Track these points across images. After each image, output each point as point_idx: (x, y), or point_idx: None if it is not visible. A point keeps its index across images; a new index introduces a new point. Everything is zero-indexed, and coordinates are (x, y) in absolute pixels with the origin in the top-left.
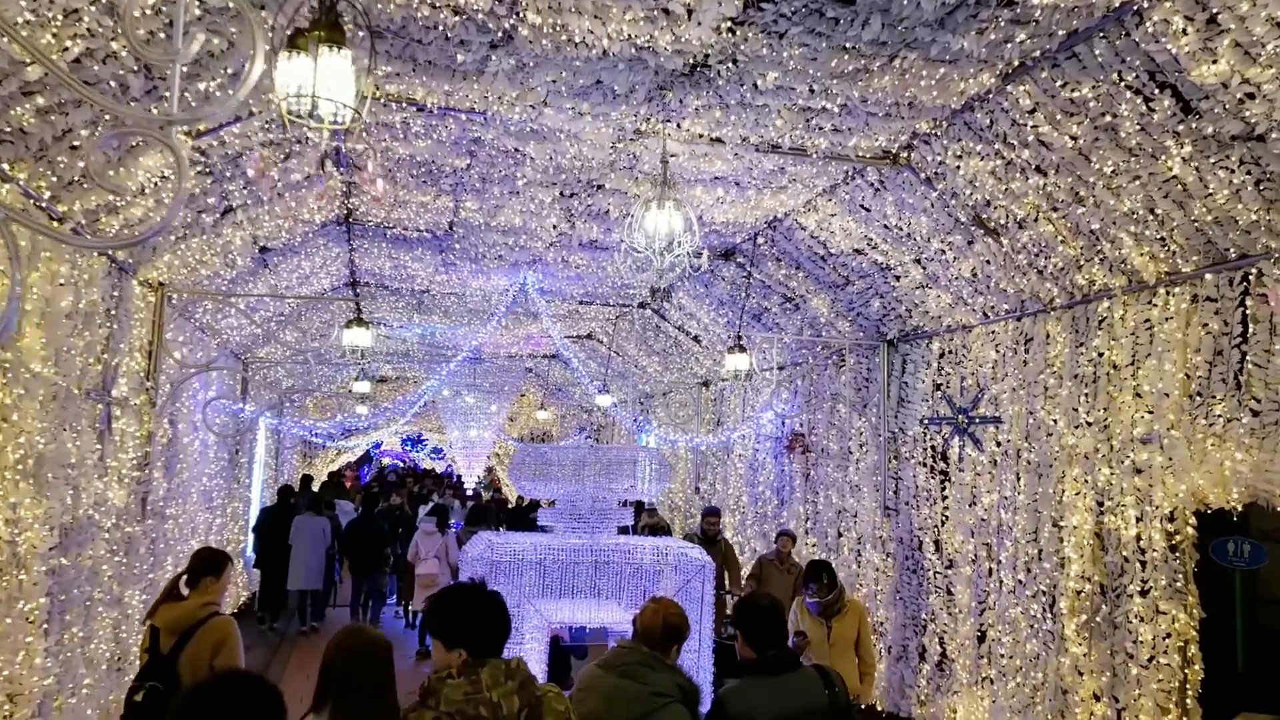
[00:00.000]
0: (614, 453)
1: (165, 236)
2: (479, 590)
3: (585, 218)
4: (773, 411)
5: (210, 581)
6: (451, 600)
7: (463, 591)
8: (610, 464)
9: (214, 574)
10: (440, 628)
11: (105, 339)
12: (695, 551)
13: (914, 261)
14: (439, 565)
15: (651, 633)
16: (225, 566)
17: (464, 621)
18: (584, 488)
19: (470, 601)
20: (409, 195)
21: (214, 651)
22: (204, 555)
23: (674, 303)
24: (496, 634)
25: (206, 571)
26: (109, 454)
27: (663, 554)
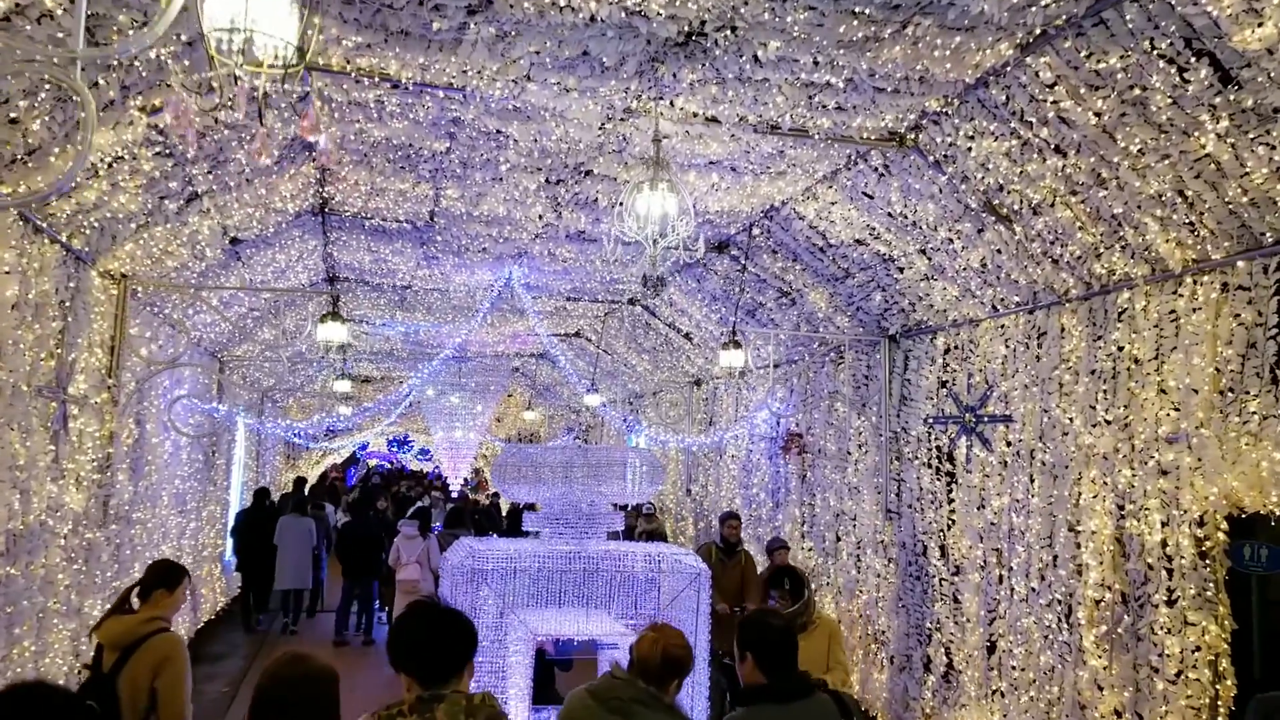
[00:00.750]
0: (604, 454)
1: (125, 224)
2: (432, 608)
3: (572, 206)
4: (768, 410)
5: (162, 595)
6: (403, 620)
7: (416, 610)
8: (600, 465)
9: (167, 587)
10: (391, 652)
11: (59, 333)
12: (690, 558)
13: (919, 252)
14: (420, 571)
15: (649, 665)
16: (181, 580)
17: (413, 644)
18: (572, 490)
19: (420, 620)
20: (386, 182)
21: (155, 671)
22: (159, 567)
23: (664, 298)
24: (448, 659)
25: (159, 584)
26: (65, 455)
27: (655, 561)
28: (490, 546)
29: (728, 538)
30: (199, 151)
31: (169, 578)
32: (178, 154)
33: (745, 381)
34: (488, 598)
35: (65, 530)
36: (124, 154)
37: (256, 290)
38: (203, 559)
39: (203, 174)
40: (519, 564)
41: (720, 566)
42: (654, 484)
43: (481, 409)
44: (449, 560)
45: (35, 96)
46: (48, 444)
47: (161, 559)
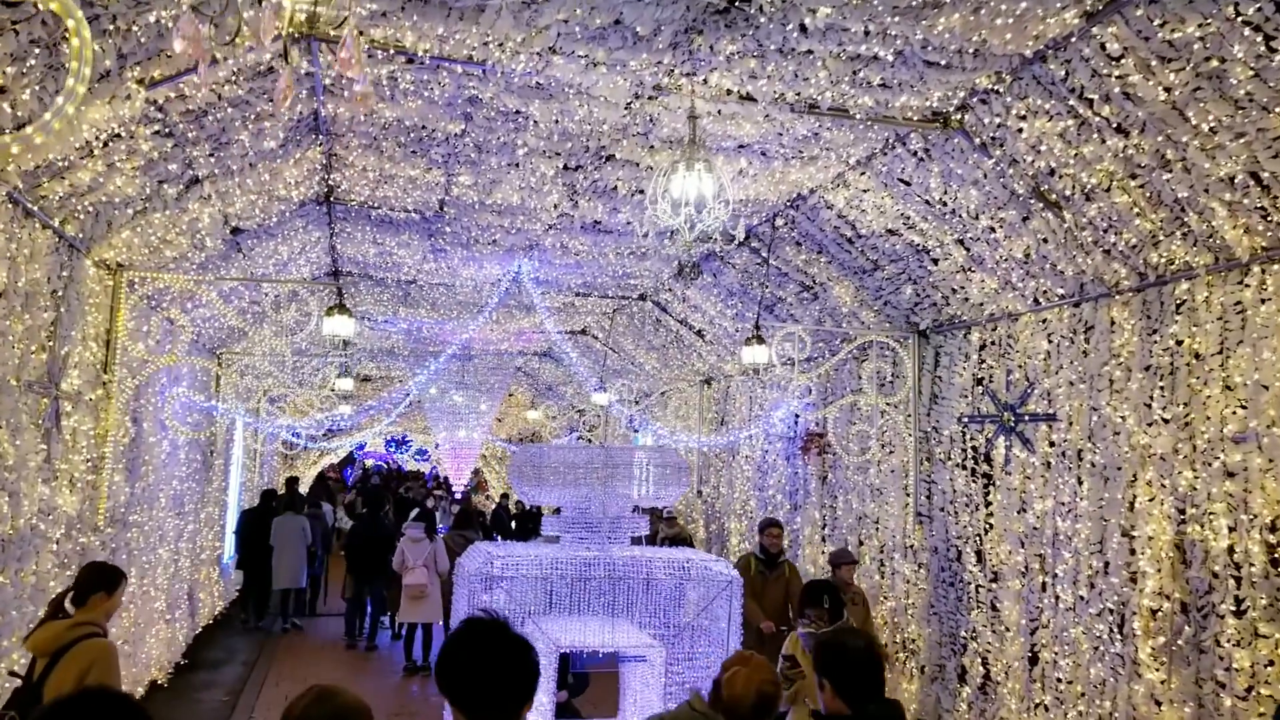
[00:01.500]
0: (627, 455)
1: (121, 210)
2: (492, 628)
3: (590, 195)
4: (787, 409)
5: (101, 599)
6: (456, 642)
7: (474, 629)
8: (623, 467)
9: (106, 590)
10: (441, 678)
11: (50, 324)
12: (720, 564)
13: (956, 242)
14: (427, 575)
15: (740, 705)
16: (119, 583)
17: (468, 672)
18: (594, 493)
19: (478, 644)
20: (396, 168)
21: (80, 678)
22: (95, 568)
23: (677, 293)
24: (510, 692)
25: (97, 587)
26: (57, 455)
27: (683, 567)
28: (509, 552)
29: (769, 547)
30: (200, 131)
31: (107, 580)
32: (178, 134)
33: (760, 379)
34: (506, 606)
35: (58, 534)
36: (120, 131)
37: (259, 282)
38: (201, 562)
39: (204, 156)
40: (539, 570)
41: (761, 580)
42: (679, 486)
43: (485, 408)
44: (464, 566)
45: (24, 62)
46: (39, 443)
47: (95, 561)
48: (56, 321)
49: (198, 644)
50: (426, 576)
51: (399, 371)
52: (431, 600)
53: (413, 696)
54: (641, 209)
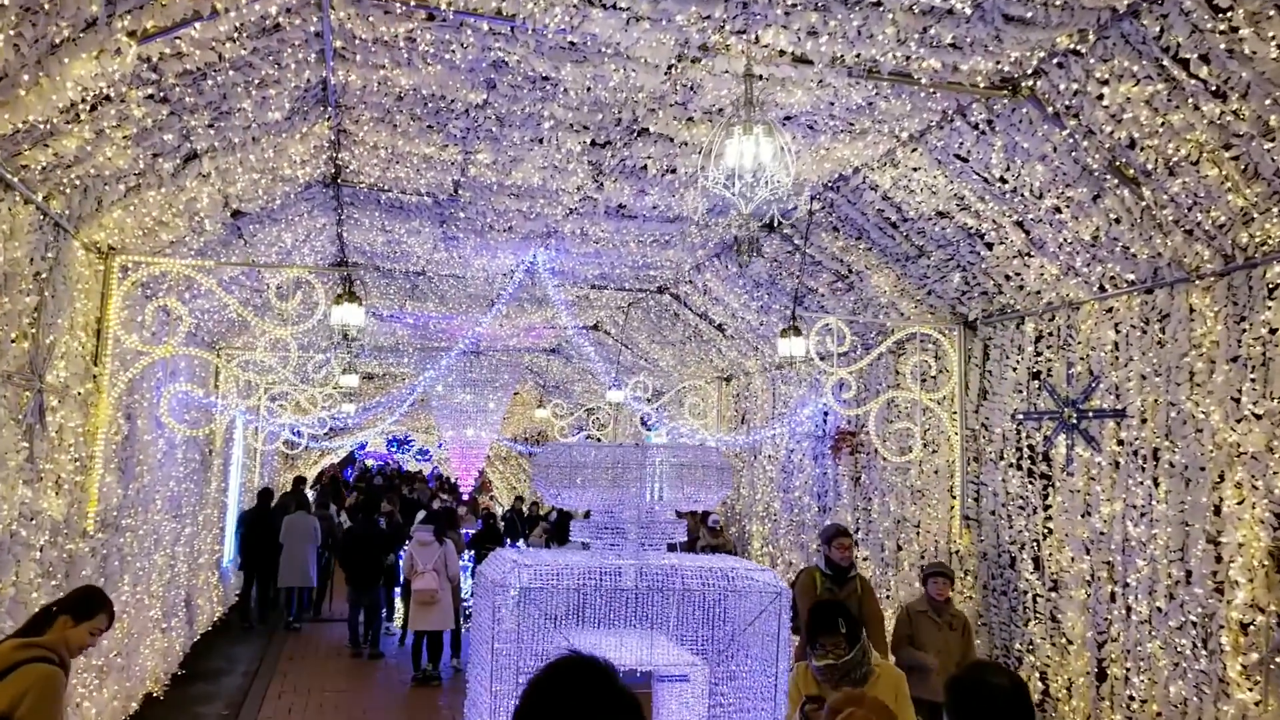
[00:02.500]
0: (667, 454)
1: (113, 185)
2: (585, 669)
3: (617, 175)
4: (815, 406)
5: (65, 623)
6: (544, 685)
7: (564, 671)
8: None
9: (74, 615)
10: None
11: (34, 310)
12: (766, 574)
13: (1015, 225)
14: (438, 579)
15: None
16: (95, 615)
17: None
18: (629, 495)
19: (570, 688)
20: (410, 145)
21: (12, 705)
22: (81, 591)
23: (699, 285)
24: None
25: (67, 610)
26: (42, 453)
27: (728, 577)
28: (536, 559)
29: (838, 560)
30: (198, 97)
31: (81, 607)
32: (174, 99)
33: (783, 375)
34: (536, 620)
35: (41, 541)
36: (110, 92)
37: (264, 268)
38: (199, 567)
39: (203, 126)
40: (570, 580)
41: (827, 596)
42: (722, 488)
43: (494, 406)
44: (486, 575)
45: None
46: (20, 440)
47: (89, 585)
48: (40, 308)
49: (196, 653)
50: (437, 581)
51: (403, 369)
52: (442, 606)
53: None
54: (672, 190)
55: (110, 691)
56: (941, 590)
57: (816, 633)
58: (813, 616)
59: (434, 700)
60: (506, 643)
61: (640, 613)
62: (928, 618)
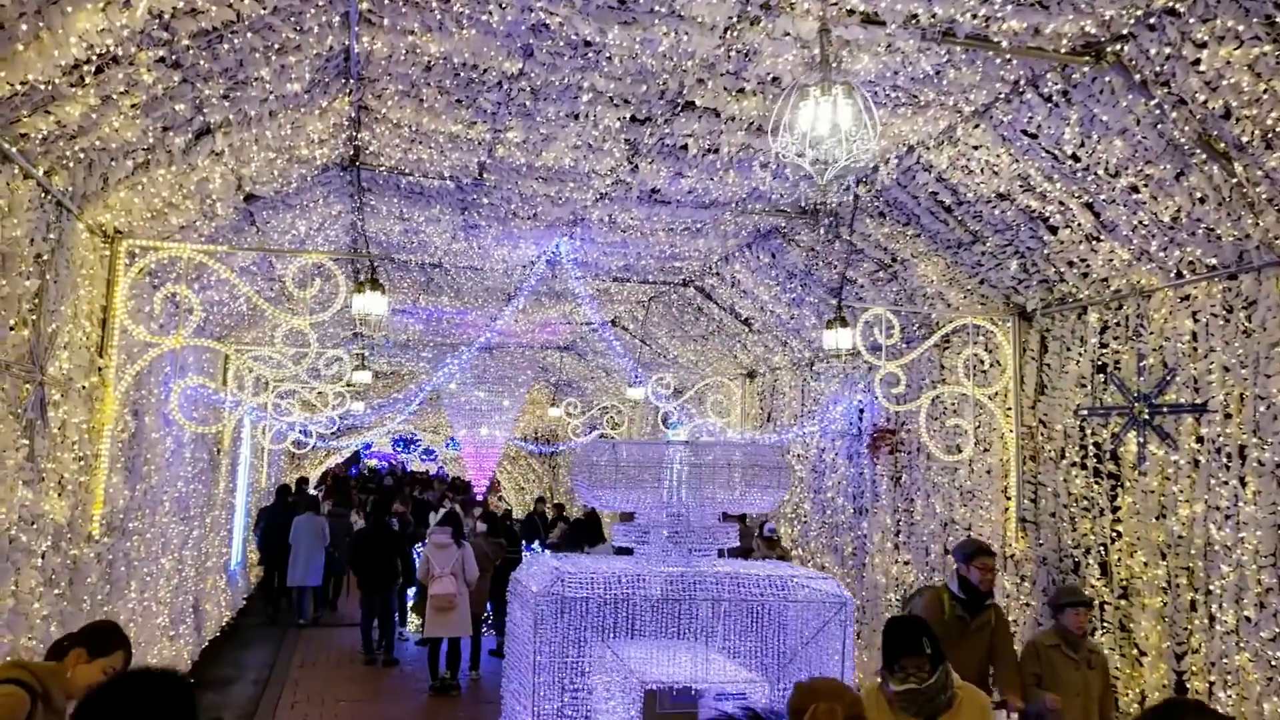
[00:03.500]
0: (719, 452)
1: (120, 160)
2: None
3: (655, 155)
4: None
5: (78, 656)
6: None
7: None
8: (713, 467)
9: (90, 650)
10: None
11: (34, 295)
12: (828, 584)
13: (1084, 206)
14: (455, 583)
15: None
16: (111, 651)
17: None
18: (678, 497)
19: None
20: (435, 122)
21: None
22: (98, 626)
23: (726, 277)
24: None
25: (83, 642)
26: (43, 451)
27: (785, 585)
28: (578, 566)
29: (976, 584)
30: (214, 63)
31: (99, 642)
32: (187, 64)
33: (814, 371)
34: (582, 633)
35: (44, 546)
36: (118, 52)
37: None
38: (207, 570)
39: (217, 96)
40: (616, 589)
41: (957, 627)
42: (778, 489)
43: (508, 404)
44: (524, 584)
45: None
46: (19, 436)
47: (107, 621)
48: (41, 293)
49: (205, 660)
50: (455, 585)
51: (411, 367)
52: (460, 611)
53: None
54: (711, 172)
55: None
56: (1081, 622)
57: (898, 653)
58: (893, 634)
59: (454, 711)
60: (550, 657)
61: (691, 624)
62: (1062, 654)
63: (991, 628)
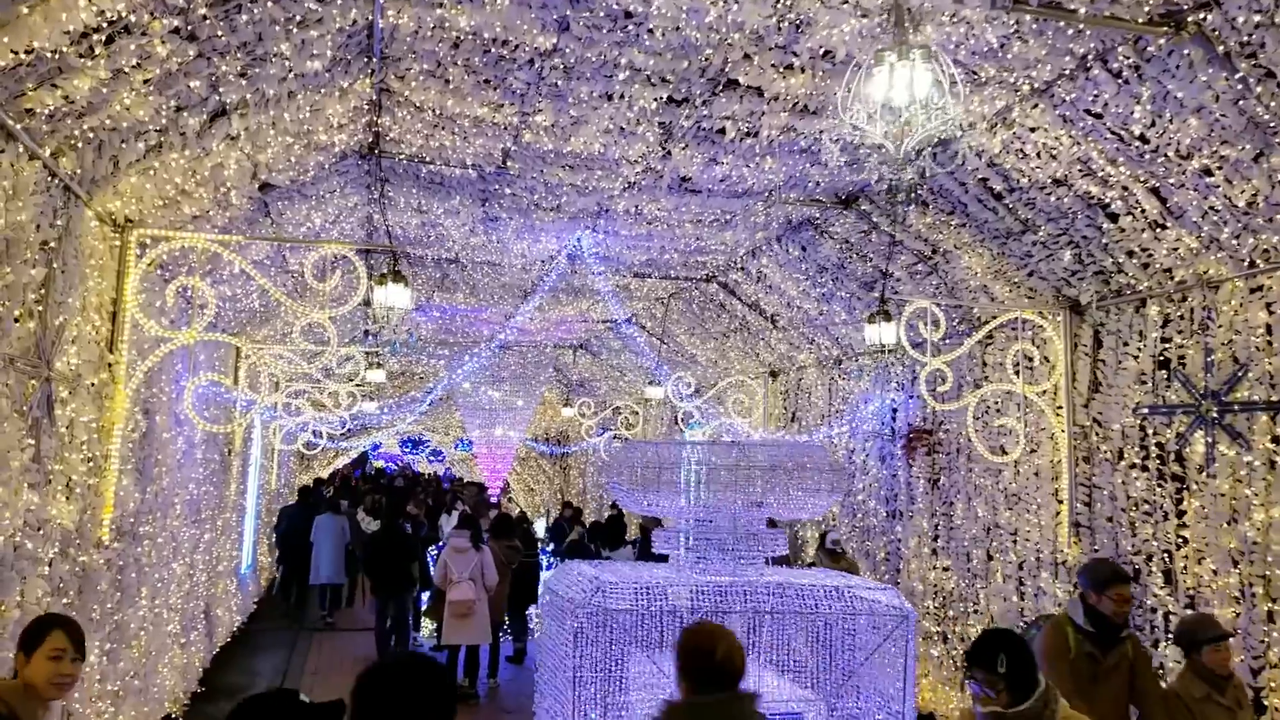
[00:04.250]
0: (768, 452)
1: (130, 142)
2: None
3: (690, 140)
4: (881, 401)
5: (17, 661)
6: None
7: None
8: (763, 469)
9: (24, 648)
10: None
11: (40, 285)
12: (887, 595)
13: (1149, 191)
14: (474, 589)
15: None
16: (44, 636)
17: None
18: (724, 501)
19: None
20: (460, 105)
21: None
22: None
23: (751, 272)
24: None
25: (19, 644)
26: (50, 452)
27: (841, 597)
28: (619, 576)
29: (1109, 615)
30: (231, 36)
31: (26, 639)
32: (202, 37)
33: (841, 370)
34: (625, 646)
35: (51, 553)
36: (130, 19)
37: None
38: (218, 575)
39: (234, 74)
40: (662, 600)
41: (1088, 667)
42: (833, 493)
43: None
44: (558, 593)
45: None
46: (24, 435)
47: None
48: (48, 283)
49: (216, 667)
50: (474, 591)
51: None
52: (479, 618)
53: None
54: (748, 158)
55: (127, 717)
56: (1225, 659)
57: (970, 660)
58: (975, 642)
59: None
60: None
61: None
62: (1215, 704)
63: (1130, 662)
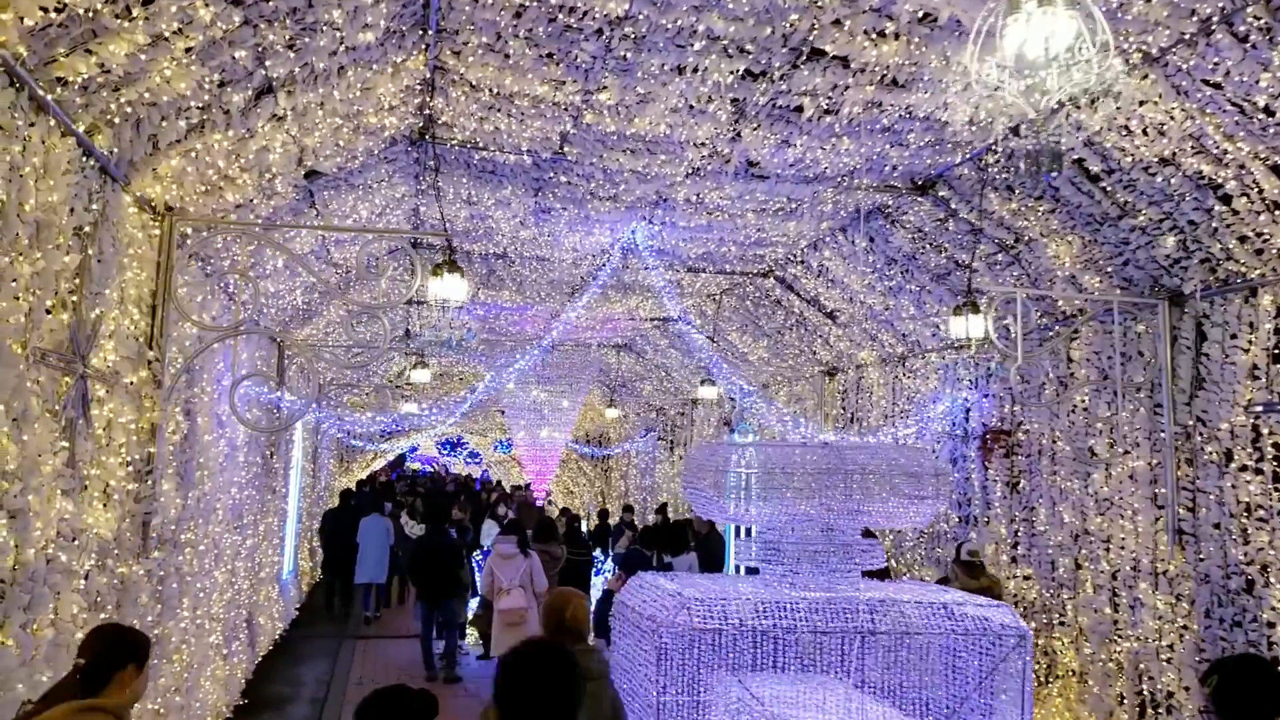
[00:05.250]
0: (866, 453)
1: (171, 119)
2: None
3: (763, 119)
4: (954, 400)
5: (130, 676)
6: None
7: None
8: (861, 473)
9: (136, 662)
10: None
11: (74, 274)
12: (1002, 613)
13: (1271, 170)
14: (525, 596)
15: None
16: (148, 650)
17: None
18: (821, 508)
19: None
20: (518, 82)
21: None
22: (110, 637)
23: (813, 266)
24: None
25: (122, 661)
26: (86, 456)
27: (949, 615)
28: (706, 592)
29: None
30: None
31: (140, 650)
32: (248, 1)
33: (905, 367)
34: (713, 669)
35: (87, 566)
36: None
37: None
38: (260, 581)
39: (282, 45)
40: (753, 618)
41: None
42: (936, 500)
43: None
44: (642, 611)
45: None
46: (58, 437)
47: (116, 625)
48: (83, 272)
49: (258, 677)
50: (524, 598)
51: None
52: (531, 626)
53: None
54: (824, 139)
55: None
56: None
57: None
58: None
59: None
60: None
61: (840, 659)
62: None
63: None
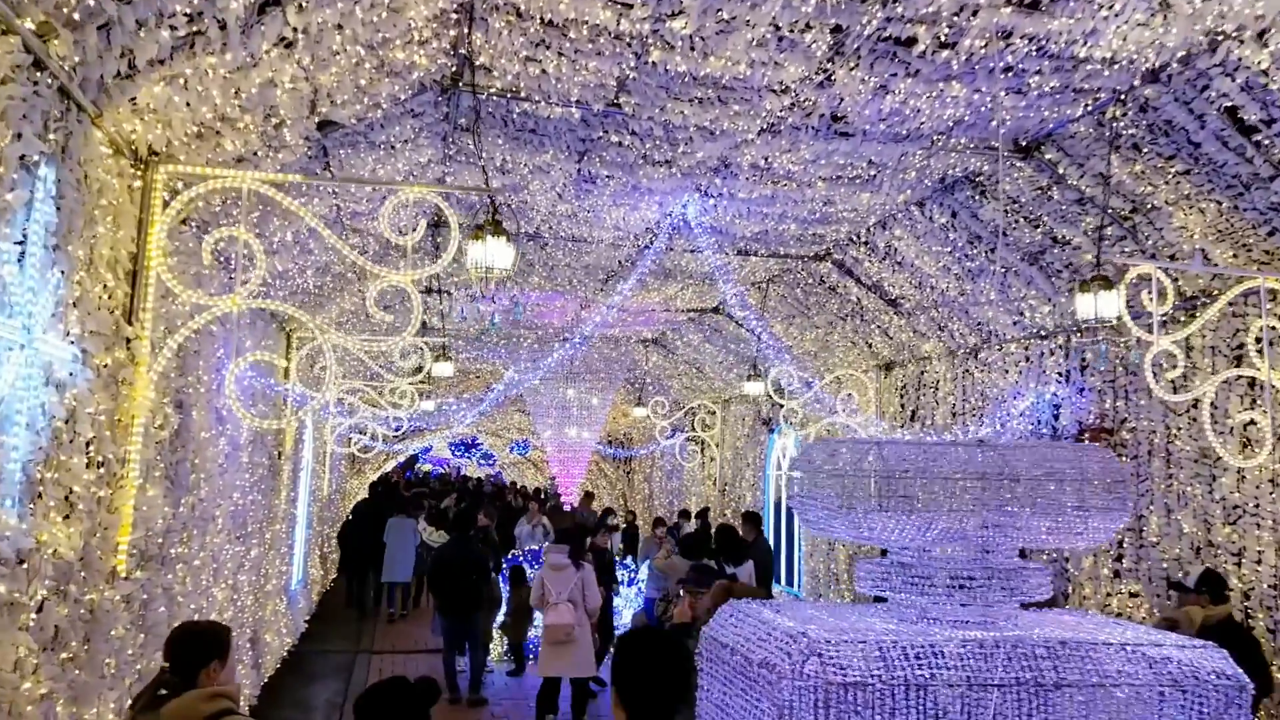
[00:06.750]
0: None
1: (149, 31)
2: None
3: (864, 54)
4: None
5: (217, 669)
6: None
7: None
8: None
9: (220, 656)
10: None
11: None
12: (1213, 657)
13: None
14: (574, 612)
15: None
16: (230, 641)
17: None
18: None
19: None
20: (576, 7)
21: None
22: (196, 634)
23: (879, 247)
24: None
25: (208, 655)
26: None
27: (1152, 662)
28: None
29: None
30: None
31: (223, 645)
32: None
33: (979, 360)
34: None
35: (38, 595)
36: None
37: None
38: (266, 595)
39: None
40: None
41: None
42: (1120, 512)
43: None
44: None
45: None
46: None
47: (193, 622)
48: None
49: (265, 699)
50: (572, 615)
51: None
52: (581, 646)
53: None
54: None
55: None
56: None
57: None
58: None
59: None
60: None
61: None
62: None
63: None
